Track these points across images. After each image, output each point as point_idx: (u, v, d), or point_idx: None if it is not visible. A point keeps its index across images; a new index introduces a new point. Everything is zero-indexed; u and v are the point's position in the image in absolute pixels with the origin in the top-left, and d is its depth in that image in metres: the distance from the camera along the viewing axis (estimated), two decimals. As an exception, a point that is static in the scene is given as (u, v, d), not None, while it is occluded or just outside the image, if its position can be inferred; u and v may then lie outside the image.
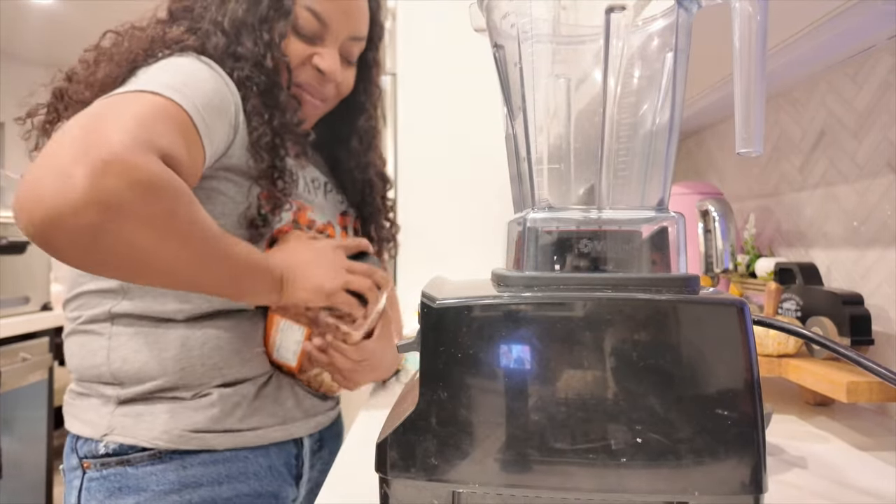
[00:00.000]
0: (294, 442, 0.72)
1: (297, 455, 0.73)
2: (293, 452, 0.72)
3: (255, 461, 0.67)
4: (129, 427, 0.63)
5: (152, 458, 0.63)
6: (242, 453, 0.66)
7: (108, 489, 0.62)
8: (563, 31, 0.40)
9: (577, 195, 0.40)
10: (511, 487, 0.34)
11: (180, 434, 0.63)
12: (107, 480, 0.63)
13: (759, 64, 0.35)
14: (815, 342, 0.41)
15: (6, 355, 1.75)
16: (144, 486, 0.62)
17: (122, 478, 0.62)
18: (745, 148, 0.35)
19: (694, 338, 0.33)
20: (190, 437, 0.63)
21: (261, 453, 0.68)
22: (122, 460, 0.63)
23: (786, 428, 0.65)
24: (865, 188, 0.76)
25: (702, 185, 1.01)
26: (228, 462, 0.65)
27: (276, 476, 0.69)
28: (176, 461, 0.63)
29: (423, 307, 0.36)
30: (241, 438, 0.66)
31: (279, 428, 0.69)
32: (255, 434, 0.67)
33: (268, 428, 0.68)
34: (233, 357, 0.67)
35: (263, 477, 0.68)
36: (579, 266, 0.37)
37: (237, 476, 0.66)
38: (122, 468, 0.62)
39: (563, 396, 0.33)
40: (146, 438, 0.62)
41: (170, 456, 0.63)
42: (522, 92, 0.39)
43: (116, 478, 0.62)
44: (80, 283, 0.69)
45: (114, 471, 0.63)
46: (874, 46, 0.73)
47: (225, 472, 0.65)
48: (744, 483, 0.32)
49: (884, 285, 0.72)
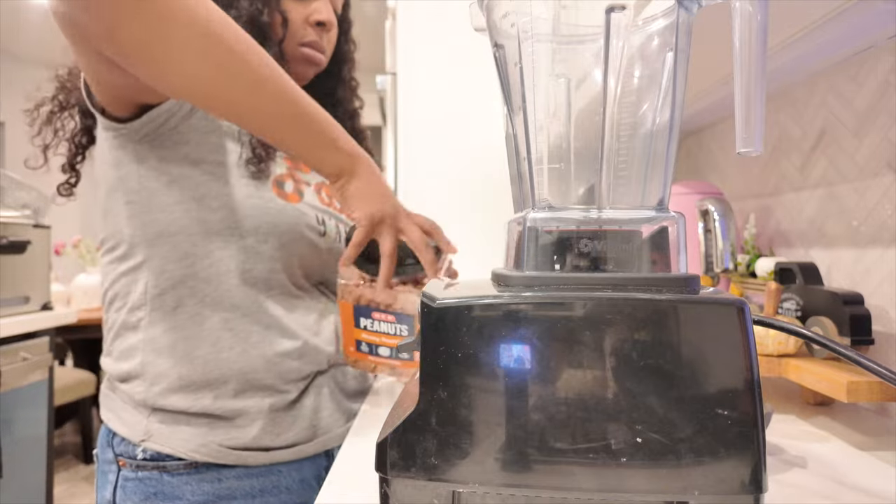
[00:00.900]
0: (325, 453, 0.73)
1: (328, 467, 0.73)
2: (324, 464, 0.73)
3: (287, 475, 0.68)
4: (165, 436, 0.63)
5: (188, 468, 0.63)
6: (277, 468, 0.67)
7: (145, 493, 0.63)
8: (564, 31, 0.40)
9: (578, 195, 0.40)
10: (511, 487, 0.34)
11: (217, 449, 0.63)
12: (143, 483, 0.63)
13: (759, 63, 0.35)
14: (815, 342, 0.41)
15: (6, 355, 1.75)
16: (180, 494, 0.62)
17: (157, 483, 0.63)
18: (745, 147, 0.35)
19: (694, 337, 0.33)
20: (228, 452, 0.64)
21: (294, 467, 0.68)
22: (159, 466, 0.63)
23: (786, 427, 0.65)
24: (865, 188, 0.76)
25: (702, 184, 1.01)
26: (262, 476, 0.66)
27: (307, 488, 0.70)
28: (212, 473, 0.63)
29: (423, 307, 0.36)
30: (277, 455, 0.66)
31: (313, 443, 0.70)
32: (291, 451, 0.68)
33: (303, 445, 0.69)
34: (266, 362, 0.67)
35: (295, 490, 0.68)
36: (579, 266, 0.37)
37: (270, 490, 0.66)
38: (158, 473, 0.63)
39: (563, 396, 0.33)
40: (183, 450, 0.63)
41: (206, 467, 0.63)
42: (522, 91, 0.39)
43: (152, 482, 0.63)
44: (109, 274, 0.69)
45: (150, 475, 0.63)
46: (874, 46, 0.73)
47: (259, 486, 0.65)
48: (744, 483, 0.32)
49: (884, 285, 0.72)
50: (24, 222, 1.88)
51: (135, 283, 0.66)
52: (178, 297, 0.65)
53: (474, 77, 1.25)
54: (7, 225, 1.80)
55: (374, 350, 0.71)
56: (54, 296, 2.17)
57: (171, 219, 0.65)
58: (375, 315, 0.70)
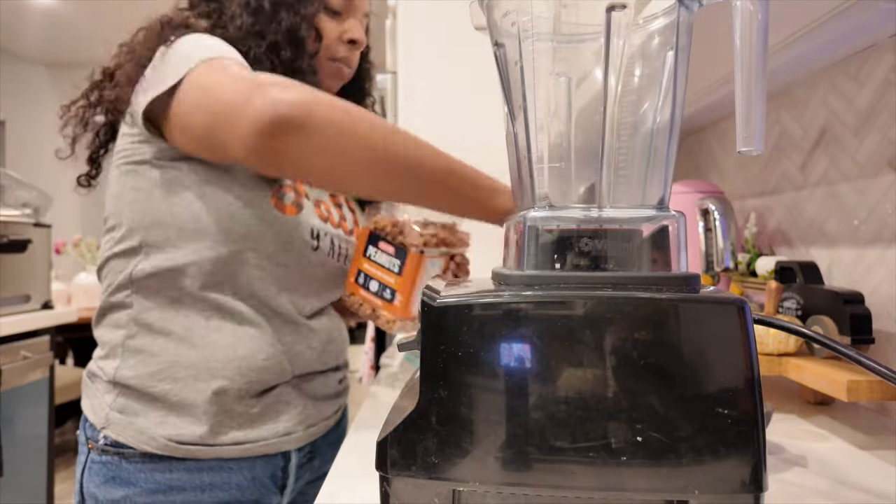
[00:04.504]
0: (282, 455, 0.73)
1: (284, 467, 0.73)
2: (280, 465, 0.73)
3: (238, 472, 0.69)
4: (121, 427, 0.66)
5: (143, 457, 0.66)
6: (227, 464, 0.68)
7: (105, 476, 0.66)
8: (564, 30, 0.40)
9: (578, 194, 0.40)
10: (511, 486, 0.34)
11: (166, 444, 0.65)
12: (105, 467, 0.67)
13: (759, 62, 0.35)
14: (815, 341, 0.41)
15: (7, 353, 1.75)
16: (135, 480, 0.66)
17: (117, 468, 0.66)
18: (745, 146, 0.35)
19: (694, 337, 0.33)
20: (176, 447, 0.65)
21: (246, 466, 0.69)
22: (118, 452, 0.66)
23: (786, 427, 0.65)
24: (866, 187, 0.76)
25: (702, 183, 1.01)
26: (212, 471, 0.67)
27: (260, 486, 0.71)
28: (164, 463, 0.66)
29: (423, 306, 0.36)
30: (225, 451, 0.67)
31: (264, 444, 0.70)
32: (240, 448, 0.68)
33: (252, 444, 0.69)
34: (237, 361, 0.68)
35: (246, 488, 0.69)
36: (580, 265, 0.37)
37: (220, 485, 0.68)
38: (118, 458, 0.66)
39: (563, 395, 0.33)
40: (135, 441, 0.66)
41: (158, 458, 0.66)
42: (523, 90, 0.39)
43: (112, 467, 0.66)
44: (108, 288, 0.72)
45: (111, 459, 0.66)
46: (875, 45, 0.72)
47: (208, 481, 0.67)
48: (744, 481, 0.32)
49: (884, 284, 0.72)
50: (25, 221, 1.88)
51: (126, 264, 0.69)
52: (161, 284, 0.68)
53: (474, 76, 1.25)
54: (8, 224, 1.80)
55: (366, 283, 0.73)
56: (55, 294, 2.17)
57: (172, 211, 0.68)
58: (381, 245, 0.73)
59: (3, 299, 1.78)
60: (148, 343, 0.67)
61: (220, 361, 0.67)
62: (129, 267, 0.69)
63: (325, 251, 0.75)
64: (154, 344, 0.67)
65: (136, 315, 0.68)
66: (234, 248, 0.67)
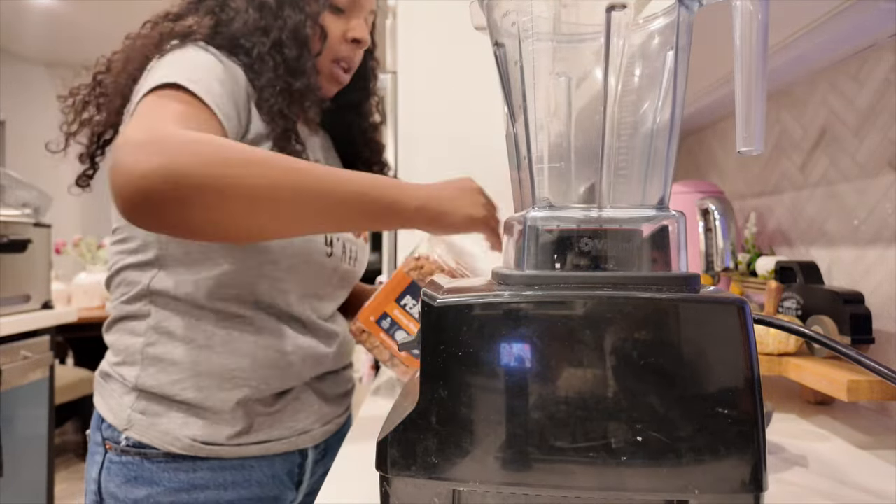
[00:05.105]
0: (299, 452, 0.75)
1: (301, 464, 0.76)
2: (297, 461, 0.75)
3: (259, 470, 0.70)
4: (144, 428, 0.66)
5: (166, 457, 0.66)
6: (249, 462, 0.69)
7: (126, 476, 0.66)
8: (564, 30, 0.40)
9: (578, 194, 0.40)
10: (511, 486, 0.34)
11: (191, 444, 0.66)
12: (125, 467, 0.66)
13: (760, 62, 0.35)
14: (815, 341, 0.41)
15: (7, 353, 1.75)
16: (157, 480, 0.66)
17: (138, 468, 0.66)
18: (745, 146, 0.35)
19: (694, 336, 0.33)
20: (200, 447, 0.66)
21: (266, 463, 0.71)
22: (140, 452, 0.66)
23: (786, 426, 0.65)
24: (866, 187, 0.76)
25: (702, 183, 1.01)
26: (235, 470, 0.68)
27: (278, 483, 0.73)
28: (188, 463, 0.66)
29: (423, 306, 0.36)
30: (247, 450, 0.69)
31: (284, 442, 0.72)
32: (262, 447, 0.70)
33: (275, 441, 0.71)
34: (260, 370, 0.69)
35: (266, 484, 0.71)
36: (580, 265, 0.37)
37: (242, 483, 0.69)
38: (139, 459, 0.66)
39: (563, 395, 0.33)
40: (160, 443, 0.66)
41: (182, 458, 0.66)
42: (523, 90, 0.39)
43: (134, 467, 0.66)
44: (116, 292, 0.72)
45: (132, 459, 0.66)
46: (875, 45, 0.72)
47: (231, 479, 0.68)
48: (744, 481, 0.32)
49: (884, 284, 0.72)
50: (25, 221, 1.88)
51: (142, 275, 0.69)
52: (180, 295, 0.68)
53: (474, 76, 1.25)
54: (8, 224, 1.80)
55: (391, 329, 0.71)
56: (55, 294, 2.17)
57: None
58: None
59: (3, 299, 1.78)
60: (168, 351, 0.67)
61: (244, 370, 0.68)
62: (144, 279, 0.68)
63: (338, 256, 0.76)
64: (175, 352, 0.67)
65: (156, 324, 0.68)
66: (252, 262, 0.67)
